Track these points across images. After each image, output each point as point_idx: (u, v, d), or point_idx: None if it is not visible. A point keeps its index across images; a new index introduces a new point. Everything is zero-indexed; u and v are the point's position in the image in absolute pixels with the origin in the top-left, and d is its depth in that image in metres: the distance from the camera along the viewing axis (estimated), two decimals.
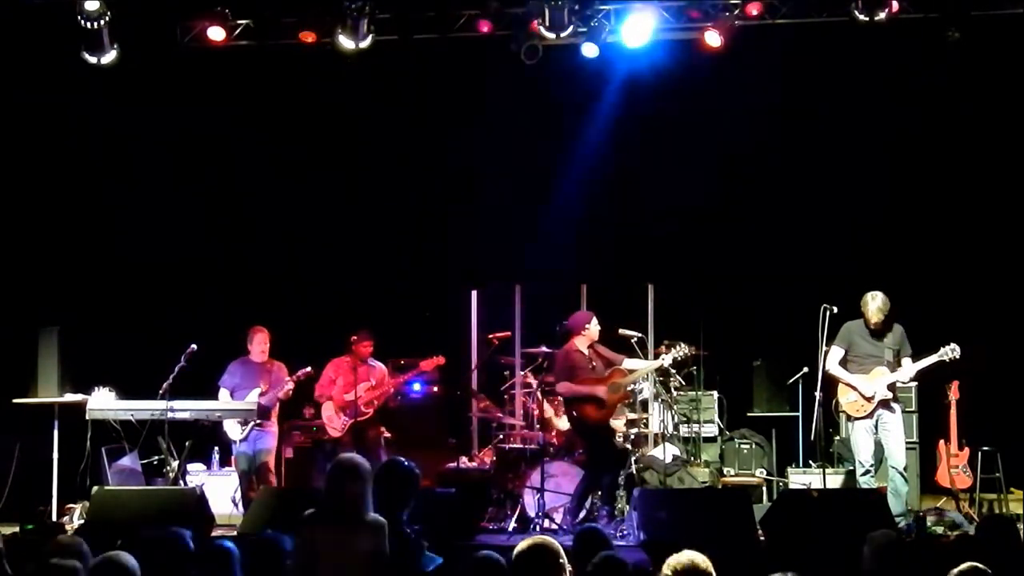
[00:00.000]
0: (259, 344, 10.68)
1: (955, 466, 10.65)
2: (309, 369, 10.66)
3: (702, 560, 4.63)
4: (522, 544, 5.08)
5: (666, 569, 4.61)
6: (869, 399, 9.58)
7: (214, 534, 9.17)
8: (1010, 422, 11.00)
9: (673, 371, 11.38)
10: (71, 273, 12.20)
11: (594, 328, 10.09)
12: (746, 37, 10.73)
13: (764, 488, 11.35)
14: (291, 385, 10.55)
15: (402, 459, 6.48)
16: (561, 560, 4.99)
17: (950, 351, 9.52)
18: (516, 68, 10.79)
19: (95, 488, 10.02)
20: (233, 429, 10.49)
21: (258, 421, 10.43)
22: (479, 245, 12.63)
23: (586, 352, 10.05)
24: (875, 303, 9.59)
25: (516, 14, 10.77)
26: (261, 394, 10.49)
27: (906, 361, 9.63)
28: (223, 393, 10.58)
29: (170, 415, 10.12)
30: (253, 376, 10.64)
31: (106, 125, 12.09)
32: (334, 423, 10.81)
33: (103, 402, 10.31)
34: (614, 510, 9.86)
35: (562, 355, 10.10)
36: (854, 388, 9.64)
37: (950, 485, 10.65)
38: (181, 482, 10.16)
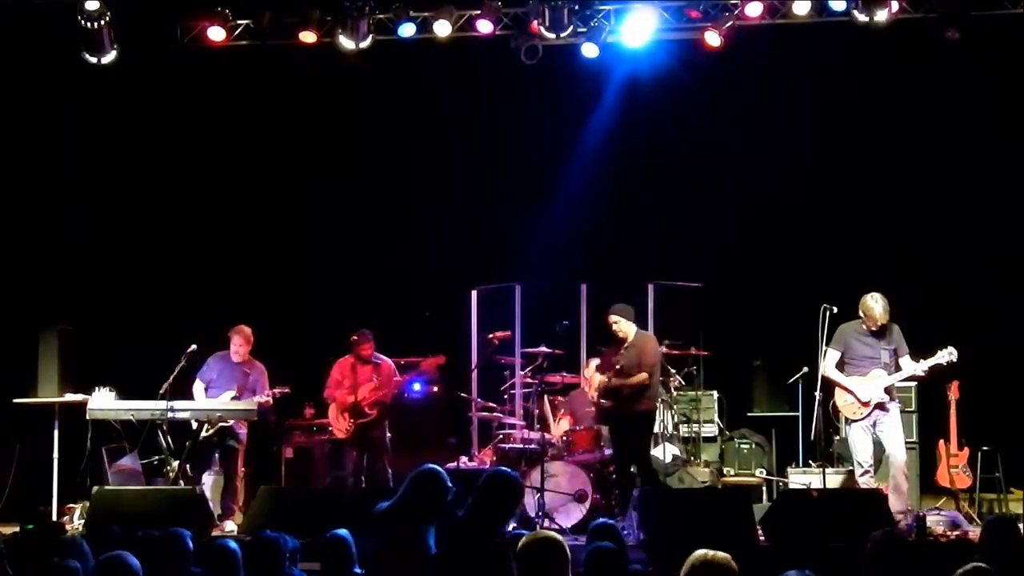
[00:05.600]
0: (235, 344, 10.51)
1: (955, 466, 10.65)
2: (288, 389, 10.52)
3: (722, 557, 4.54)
4: (526, 538, 5.00)
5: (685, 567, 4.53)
6: (865, 403, 9.59)
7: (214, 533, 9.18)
8: (1010, 422, 11.00)
9: (673, 371, 11.41)
10: (71, 273, 12.20)
11: None
12: (746, 37, 10.74)
13: (764, 488, 11.35)
14: (268, 398, 10.37)
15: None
16: (565, 555, 4.92)
17: (947, 355, 9.52)
18: (516, 68, 10.80)
19: (95, 488, 10.02)
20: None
21: (228, 422, 10.33)
22: (479, 245, 12.62)
23: None
24: (879, 305, 9.55)
25: (516, 14, 10.79)
26: (233, 398, 10.37)
27: (903, 361, 9.63)
28: (198, 385, 10.44)
29: (170, 415, 10.11)
30: (229, 376, 10.49)
31: (105, 124, 12.11)
32: (339, 425, 10.78)
33: (103, 402, 10.30)
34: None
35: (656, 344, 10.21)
36: (851, 392, 9.65)
37: (950, 485, 10.64)
38: (181, 482, 10.15)
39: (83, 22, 10.23)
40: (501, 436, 10.94)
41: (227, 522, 10.10)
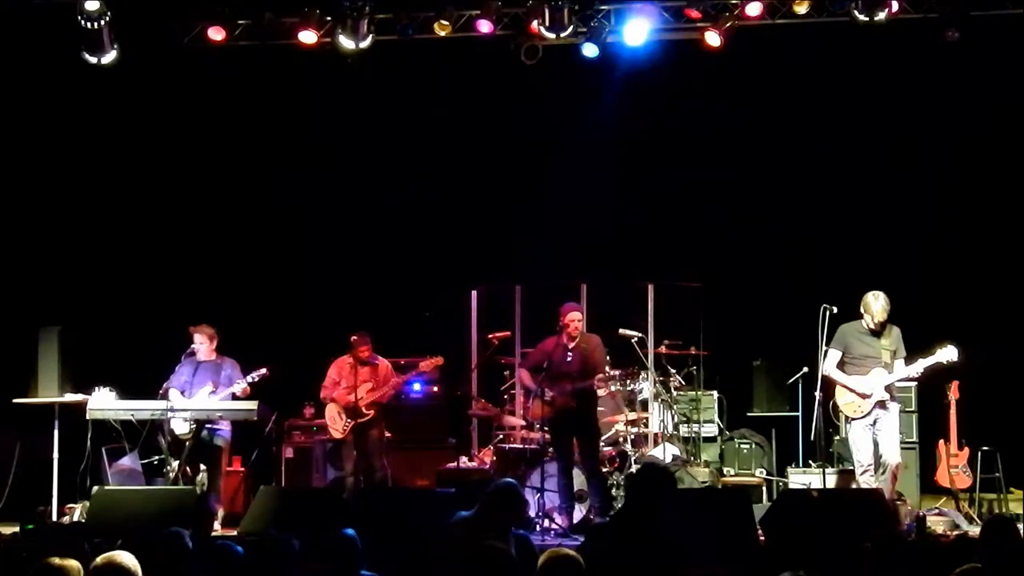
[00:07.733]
0: (198, 342, 10.43)
1: (955, 466, 10.65)
2: (265, 371, 10.41)
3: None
4: (546, 555, 5.14)
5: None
6: (868, 397, 9.59)
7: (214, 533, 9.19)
8: (1010, 422, 11.00)
9: (673, 371, 11.41)
10: (72, 273, 12.20)
11: None
12: (746, 37, 10.74)
13: (764, 488, 11.35)
14: (245, 385, 10.32)
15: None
16: (582, 571, 5.07)
17: (947, 352, 9.52)
18: (516, 68, 10.79)
19: (95, 488, 10.01)
20: (180, 425, 10.27)
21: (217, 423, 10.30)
22: (479, 245, 12.63)
23: None
24: (879, 303, 9.56)
25: (516, 14, 10.79)
26: (210, 393, 10.31)
27: (898, 363, 9.64)
28: (174, 393, 10.30)
29: (170, 415, 10.11)
30: (201, 376, 10.41)
31: (105, 124, 12.12)
32: (336, 424, 10.77)
33: (103, 402, 10.29)
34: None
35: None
36: (852, 390, 9.65)
37: (950, 485, 10.65)
38: (181, 482, 10.13)
39: (83, 22, 10.22)
40: (501, 436, 10.93)
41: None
